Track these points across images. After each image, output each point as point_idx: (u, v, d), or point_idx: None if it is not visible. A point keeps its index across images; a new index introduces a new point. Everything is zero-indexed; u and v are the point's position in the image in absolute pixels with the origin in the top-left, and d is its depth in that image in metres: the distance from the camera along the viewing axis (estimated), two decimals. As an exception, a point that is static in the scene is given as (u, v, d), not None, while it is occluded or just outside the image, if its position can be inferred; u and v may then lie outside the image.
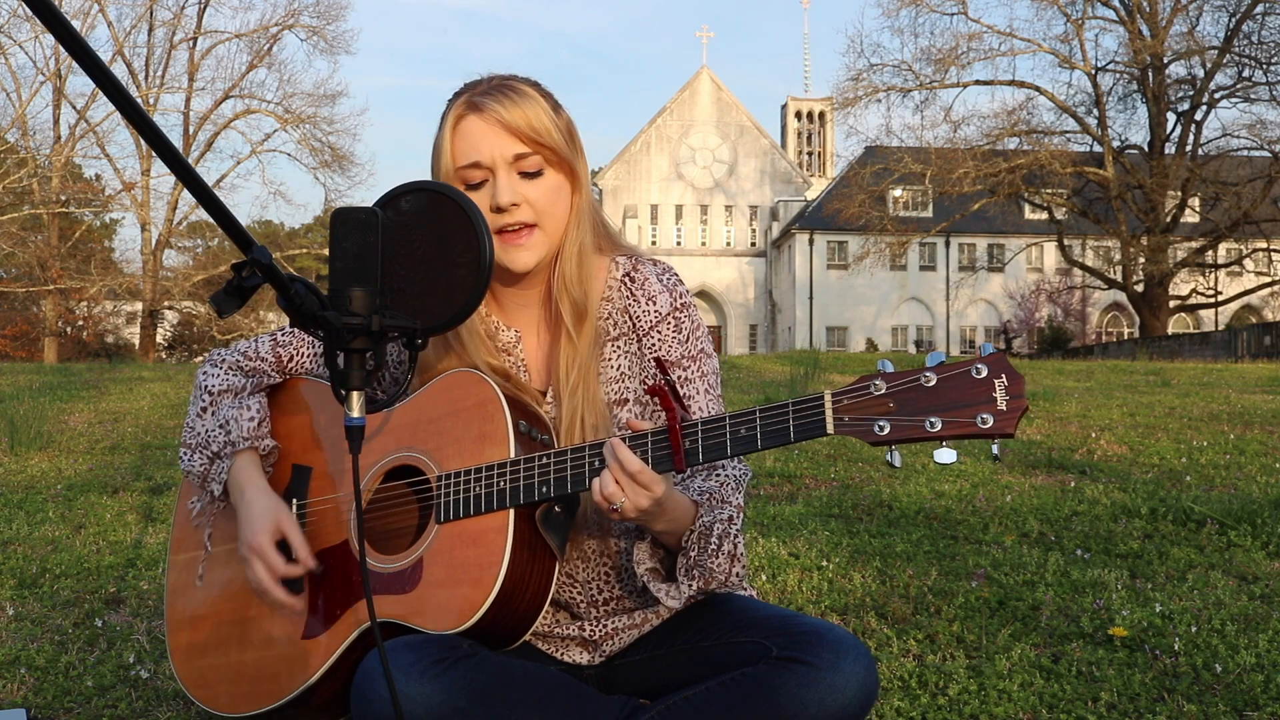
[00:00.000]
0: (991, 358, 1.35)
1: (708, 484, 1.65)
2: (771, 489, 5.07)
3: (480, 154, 1.62)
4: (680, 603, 1.57)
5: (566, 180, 1.68)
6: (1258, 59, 29.21)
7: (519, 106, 1.63)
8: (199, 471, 1.74)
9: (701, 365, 1.74)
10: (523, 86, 1.67)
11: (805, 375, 10.67)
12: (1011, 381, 1.33)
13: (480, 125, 1.63)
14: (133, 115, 0.96)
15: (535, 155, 1.63)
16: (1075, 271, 36.79)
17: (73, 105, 32.49)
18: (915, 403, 1.36)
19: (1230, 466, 5.42)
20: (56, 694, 2.41)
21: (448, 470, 1.58)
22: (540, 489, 1.52)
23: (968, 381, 1.34)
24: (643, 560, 1.60)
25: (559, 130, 1.66)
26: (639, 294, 1.73)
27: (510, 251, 1.64)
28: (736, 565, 1.58)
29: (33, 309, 36.56)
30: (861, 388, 1.38)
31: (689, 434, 1.46)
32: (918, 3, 30.64)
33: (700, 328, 1.77)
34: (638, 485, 1.46)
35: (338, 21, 43.59)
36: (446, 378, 1.65)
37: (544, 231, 1.65)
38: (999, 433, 1.32)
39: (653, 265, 1.77)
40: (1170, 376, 12.19)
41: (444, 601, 1.51)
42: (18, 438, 6.27)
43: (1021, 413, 1.32)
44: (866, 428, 1.37)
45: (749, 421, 1.44)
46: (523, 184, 1.64)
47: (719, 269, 50.52)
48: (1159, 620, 2.75)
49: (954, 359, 1.39)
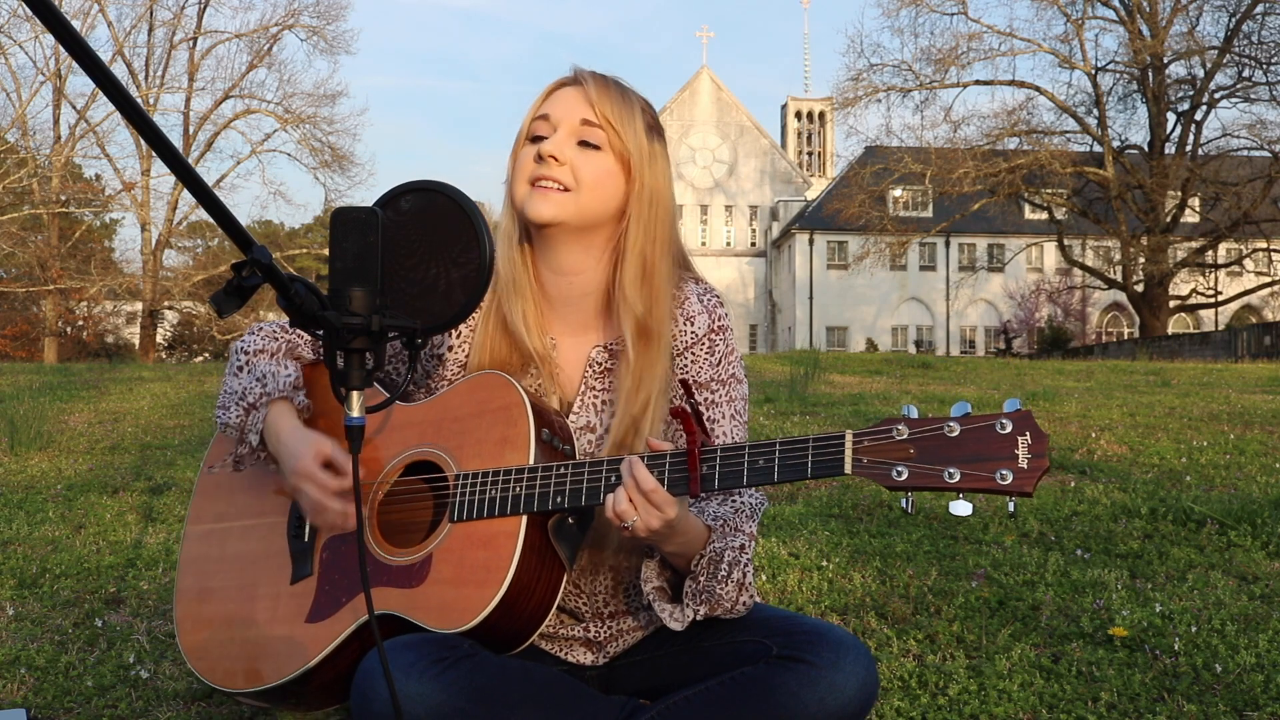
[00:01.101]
0: (1017, 414, 1.34)
1: (722, 510, 1.64)
2: (771, 489, 5.07)
3: (554, 109, 1.66)
4: (683, 626, 1.57)
5: (622, 172, 1.67)
6: (1258, 59, 29.22)
7: (612, 93, 1.66)
8: (235, 423, 1.71)
9: (730, 391, 1.72)
10: (628, 88, 1.70)
11: (805, 375, 10.66)
12: (1035, 440, 1.32)
13: (569, 91, 1.67)
14: (133, 115, 0.96)
15: (601, 130, 1.64)
16: (1075, 271, 36.81)
17: (73, 105, 32.52)
18: (936, 452, 1.35)
19: (1230, 466, 5.42)
20: (56, 694, 2.40)
21: (466, 470, 1.58)
22: (555, 498, 1.52)
23: (991, 435, 1.33)
24: (650, 579, 1.60)
25: (633, 127, 1.66)
26: (677, 313, 1.72)
27: (534, 198, 1.64)
28: (744, 594, 1.57)
29: (33, 309, 36.56)
30: (884, 431, 1.38)
31: (707, 459, 1.46)
32: (918, 3, 30.65)
33: (734, 352, 1.75)
34: (650, 505, 1.45)
35: (338, 21, 43.56)
36: (476, 378, 1.65)
37: (576, 200, 1.64)
38: (1017, 491, 1.31)
39: (695, 285, 1.76)
40: (1170, 376, 12.19)
41: (449, 600, 1.52)
42: (18, 438, 6.27)
43: (1042, 473, 1.31)
44: (885, 472, 1.37)
45: (768, 453, 1.43)
46: (577, 151, 1.64)
47: (719, 269, 50.51)
48: (1159, 620, 2.75)
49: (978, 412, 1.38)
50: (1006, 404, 1.35)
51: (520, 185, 1.66)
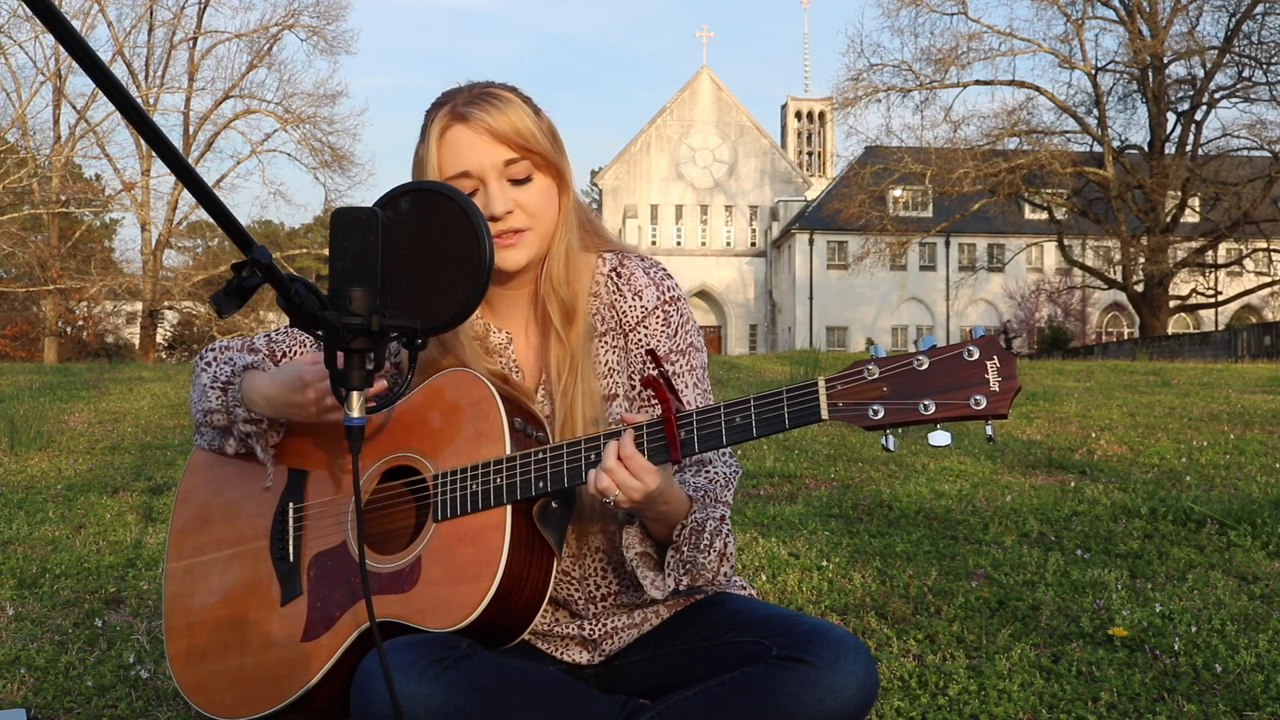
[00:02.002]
0: (982, 340, 1.36)
1: (698, 479, 1.65)
2: (771, 489, 5.07)
3: (469, 163, 1.62)
4: (664, 594, 1.58)
5: (554, 183, 1.68)
6: (1258, 59, 29.21)
7: (504, 113, 1.62)
8: (217, 406, 1.71)
9: (690, 359, 1.74)
10: (504, 93, 1.66)
11: (805, 375, 10.66)
12: (1003, 363, 1.34)
13: (467, 134, 1.62)
14: (133, 115, 0.96)
15: (524, 161, 1.63)
16: (1075, 271, 36.79)
17: (73, 105, 32.53)
18: (909, 386, 1.37)
19: (1230, 466, 5.42)
20: (56, 694, 2.41)
21: (444, 469, 1.58)
22: (537, 484, 1.53)
23: (960, 364, 1.35)
24: (632, 545, 1.60)
25: (543, 134, 1.66)
26: (625, 289, 1.73)
27: (501, 252, 1.63)
28: (725, 564, 1.59)
29: (33, 309, 36.55)
30: (855, 373, 1.39)
31: (684, 424, 1.47)
32: (918, 3, 30.64)
33: (689, 322, 1.76)
34: (630, 474, 1.46)
35: (338, 21, 43.55)
36: (441, 377, 1.65)
37: (535, 233, 1.66)
38: (993, 413, 1.33)
39: (639, 260, 1.77)
40: (1170, 376, 12.19)
41: (443, 599, 1.51)
42: (18, 438, 6.27)
43: (1015, 393, 1.33)
44: (861, 412, 1.38)
45: (744, 410, 1.44)
46: (513, 190, 1.64)
47: (719, 269, 50.53)
48: (1159, 620, 2.75)
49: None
50: (973, 330, 1.38)
51: None
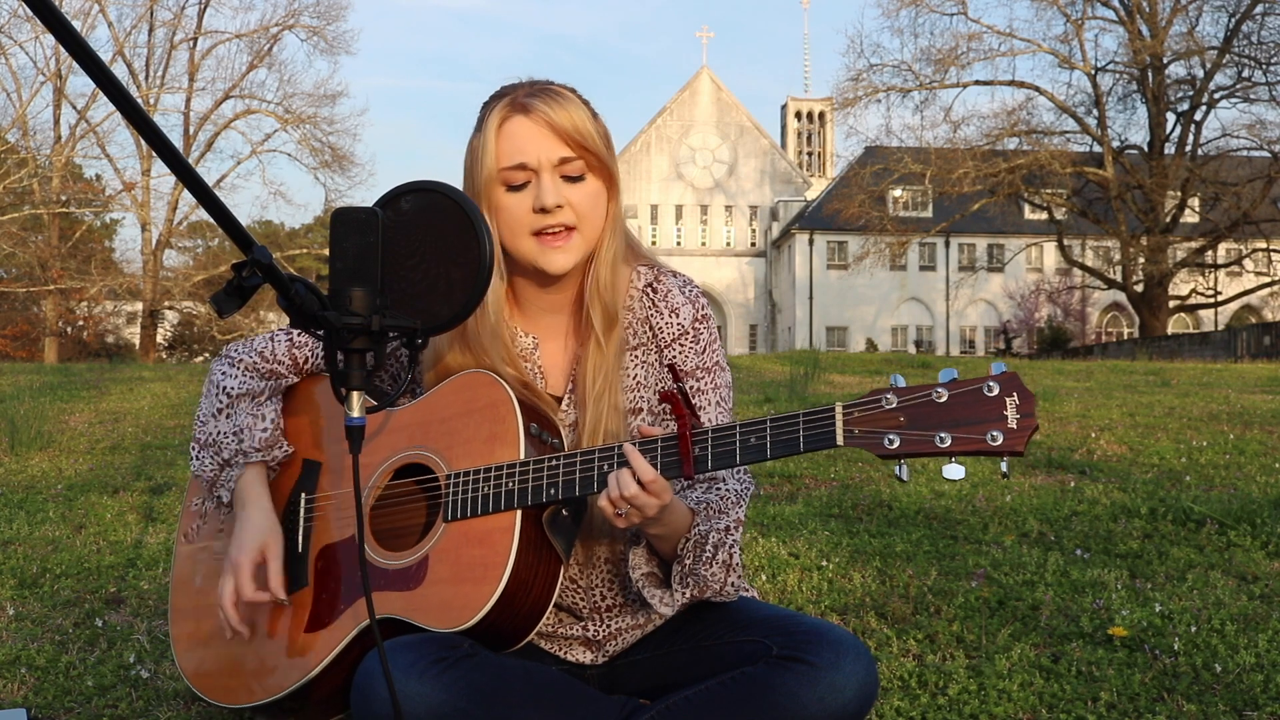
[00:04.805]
0: (1003, 376, 1.35)
1: (706, 496, 1.65)
2: (771, 489, 5.07)
3: (527, 155, 1.61)
4: (673, 610, 1.58)
5: (605, 187, 1.67)
6: (1257, 59, 29.23)
7: (565, 109, 1.63)
8: (208, 476, 1.75)
9: (715, 378, 1.74)
10: (565, 90, 1.67)
11: (805, 375, 10.66)
12: (1023, 400, 1.34)
13: (528, 126, 1.62)
14: (133, 115, 0.96)
15: (579, 160, 1.63)
16: (1075, 271, 36.80)
17: (73, 105, 32.51)
18: (926, 418, 1.36)
19: (1230, 466, 5.42)
20: (56, 694, 2.40)
21: (457, 470, 1.58)
22: (548, 491, 1.52)
23: (979, 399, 1.35)
24: (639, 565, 1.60)
25: (599, 136, 1.66)
26: (662, 305, 1.73)
27: (549, 253, 1.63)
28: (732, 575, 1.58)
29: (33, 309, 36.55)
30: (873, 401, 1.39)
31: (699, 441, 1.47)
32: (918, 3, 30.65)
33: (716, 340, 1.77)
34: (649, 495, 1.46)
35: (338, 22, 43.52)
36: (460, 378, 1.65)
37: (582, 235, 1.65)
38: (1008, 450, 1.33)
39: (674, 277, 1.77)
40: (1170, 376, 12.19)
41: (448, 599, 1.52)
42: (18, 438, 6.27)
43: (1031, 431, 1.33)
44: (876, 440, 1.38)
45: (759, 430, 1.44)
46: (566, 187, 1.63)
47: (719, 269, 50.53)
48: (1159, 620, 2.75)
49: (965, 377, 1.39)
50: (993, 366, 1.37)
51: (522, 240, 1.64)
